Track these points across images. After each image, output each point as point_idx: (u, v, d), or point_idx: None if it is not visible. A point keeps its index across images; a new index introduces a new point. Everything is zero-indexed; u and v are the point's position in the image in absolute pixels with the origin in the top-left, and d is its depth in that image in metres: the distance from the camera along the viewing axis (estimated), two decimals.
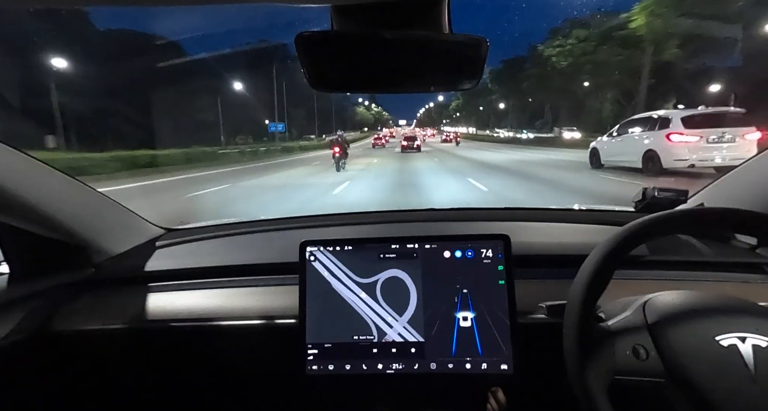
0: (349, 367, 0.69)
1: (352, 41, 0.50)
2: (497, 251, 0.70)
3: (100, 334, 0.82)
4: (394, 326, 0.69)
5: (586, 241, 0.86)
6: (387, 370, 0.68)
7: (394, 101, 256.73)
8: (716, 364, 0.47)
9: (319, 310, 0.71)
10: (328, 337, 0.70)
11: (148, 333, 0.83)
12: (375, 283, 0.71)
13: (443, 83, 0.60)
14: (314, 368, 0.69)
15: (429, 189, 7.46)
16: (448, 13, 0.51)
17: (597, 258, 0.55)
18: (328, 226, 1.14)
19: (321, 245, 0.73)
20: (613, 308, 0.61)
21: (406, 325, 0.69)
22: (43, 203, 0.76)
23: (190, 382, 0.98)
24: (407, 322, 0.69)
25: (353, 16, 0.50)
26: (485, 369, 0.66)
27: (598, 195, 5.87)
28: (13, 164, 0.71)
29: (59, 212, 0.80)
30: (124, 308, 0.85)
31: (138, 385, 0.97)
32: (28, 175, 0.73)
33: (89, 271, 0.91)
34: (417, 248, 0.72)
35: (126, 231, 1.00)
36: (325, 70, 0.53)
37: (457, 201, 6.14)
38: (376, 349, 0.69)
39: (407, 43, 0.51)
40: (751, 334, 0.48)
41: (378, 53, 0.51)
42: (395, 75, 0.55)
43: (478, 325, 0.68)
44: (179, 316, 0.82)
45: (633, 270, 0.81)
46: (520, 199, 6.12)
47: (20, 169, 0.72)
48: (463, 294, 0.69)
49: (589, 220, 1.05)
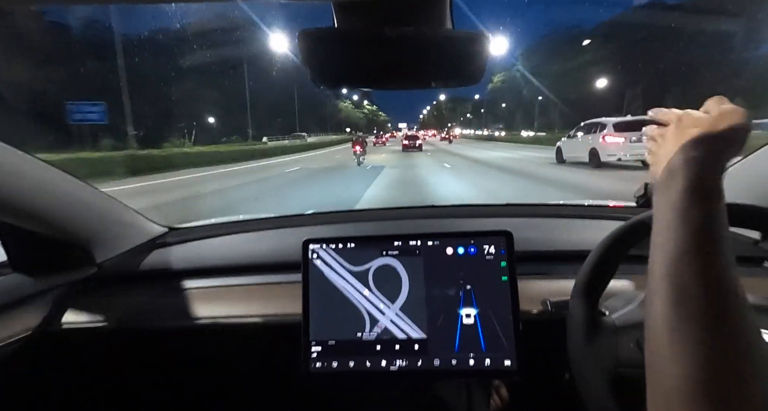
0: (352, 364, 0.69)
1: (353, 38, 0.50)
2: (500, 247, 0.70)
3: (102, 333, 0.82)
4: (397, 323, 0.69)
5: (588, 237, 0.86)
6: (390, 367, 0.68)
7: (395, 103, 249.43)
8: None
9: (323, 307, 0.71)
10: (332, 335, 0.70)
11: (150, 332, 0.83)
12: (378, 281, 0.71)
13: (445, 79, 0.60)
14: (318, 366, 0.69)
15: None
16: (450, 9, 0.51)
17: (600, 252, 0.55)
18: (330, 224, 1.14)
19: (323, 243, 0.73)
20: (617, 302, 0.61)
21: (409, 322, 0.69)
22: (44, 202, 0.76)
23: (192, 381, 0.99)
24: (411, 318, 0.69)
25: (355, 12, 0.50)
26: (488, 365, 0.67)
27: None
28: (14, 163, 0.70)
29: (61, 211, 0.80)
30: (127, 307, 0.85)
31: (140, 383, 0.98)
32: (29, 173, 0.73)
33: (91, 269, 0.91)
34: (419, 245, 0.72)
35: (128, 230, 1.00)
36: (327, 66, 0.53)
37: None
38: (380, 346, 0.69)
39: (409, 39, 0.51)
40: None
41: (380, 49, 0.51)
42: (397, 71, 0.55)
43: (481, 321, 0.68)
44: (181, 315, 0.82)
45: (636, 265, 0.81)
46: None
47: (21, 167, 0.72)
48: (466, 290, 0.69)
49: (591, 216, 1.05)
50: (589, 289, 0.53)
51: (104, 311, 0.84)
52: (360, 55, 0.51)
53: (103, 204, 0.92)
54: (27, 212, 0.74)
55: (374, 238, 0.73)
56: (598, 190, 6.72)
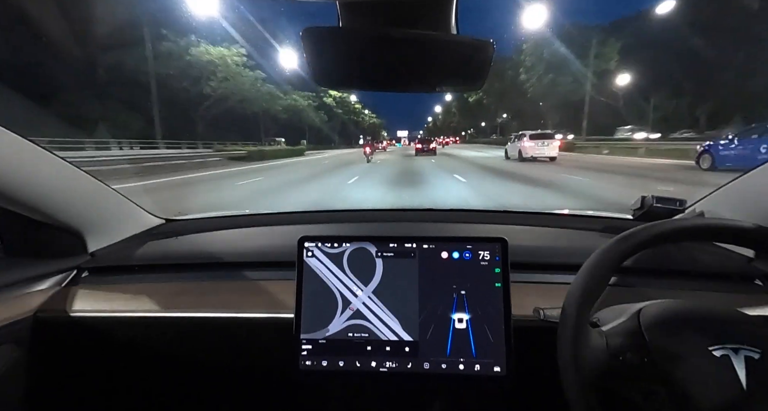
0: (342, 363, 0.69)
1: (358, 38, 0.50)
2: (495, 254, 0.70)
3: (92, 322, 0.82)
4: (389, 325, 0.69)
5: (583, 247, 0.86)
6: (380, 368, 0.68)
7: (395, 108, 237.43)
8: (708, 374, 0.47)
9: (315, 305, 0.71)
10: (323, 333, 0.70)
11: (140, 322, 0.83)
12: (372, 281, 0.71)
13: (448, 84, 0.60)
14: (308, 364, 0.69)
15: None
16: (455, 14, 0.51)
17: (594, 264, 0.55)
18: (327, 223, 1.14)
19: (319, 241, 0.73)
20: (609, 314, 0.61)
21: (401, 324, 0.69)
22: (38, 188, 0.76)
23: (181, 373, 0.98)
24: (402, 321, 0.69)
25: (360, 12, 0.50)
26: (478, 370, 0.67)
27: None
28: (10, 148, 0.70)
29: (55, 198, 0.80)
30: (118, 297, 0.85)
31: (129, 374, 0.97)
32: (24, 159, 0.73)
33: (84, 258, 0.91)
34: (415, 248, 0.72)
35: (123, 220, 0.99)
36: (330, 66, 0.53)
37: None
38: (370, 346, 0.69)
39: (413, 42, 0.51)
40: (744, 346, 0.48)
41: (383, 51, 0.51)
42: (400, 74, 0.55)
43: (473, 326, 0.68)
44: (173, 307, 0.82)
45: (629, 277, 0.81)
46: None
47: (17, 152, 0.71)
48: (460, 295, 0.69)
49: (587, 227, 1.05)
50: (581, 299, 0.54)
51: (95, 300, 0.84)
52: (363, 55, 0.51)
53: (100, 193, 0.91)
54: (21, 198, 0.74)
55: (370, 238, 0.73)
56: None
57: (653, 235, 0.55)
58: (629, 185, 7.54)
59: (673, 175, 9.03)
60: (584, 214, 1.17)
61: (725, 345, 0.48)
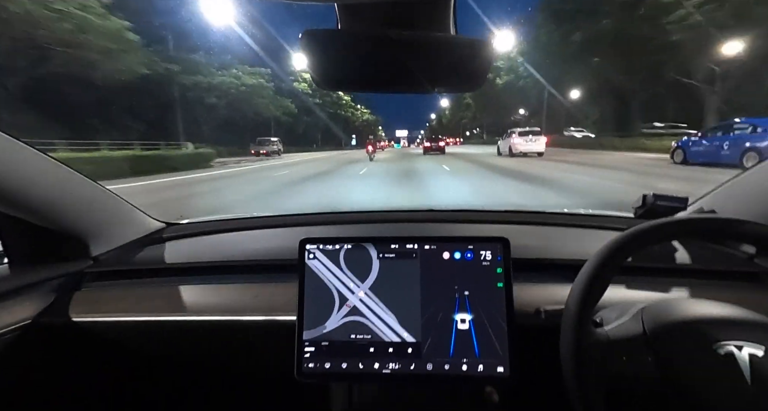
0: (345, 365, 0.68)
1: (357, 40, 0.51)
2: (497, 254, 0.70)
3: (94, 326, 0.82)
4: (391, 326, 0.69)
5: (585, 246, 0.86)
6: (383, 370, 0.68)
7: (393, 105, 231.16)
8: (712, 372, 0.47)
9: (317, 308, 0.71)
10: (325, 336, 0.69)
11: (143, 326, 0.83)
12: (374, 283, 0.71)
13: (447, 85, 0.60)
14: (310, 366, 0.69)
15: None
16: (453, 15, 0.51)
17: (596, 263, 0.55)
18: (327, 225, 1.14)
19: (320, 243, 0.73)
20: (611, 314, 0.61)
21: (403, 326, 0.69)
22: (41, 193, 0.76)
23: (184, 377, 0.98)
24: (405, 322, 0.69)
25: (359, 14, 0.50)
26: (482, 371, 0.66)
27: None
28: (11, 153, 0.70)
29: (58, 203, 0.80)
30: (121, 301, 0.85)
31: (132, 378, 0.97)
32: (27, 165, 0.73)
33: (87, 262, 0.91)
34: (416, 248, 0.72)
35: (125, 224, 0.99)
36: (330, 67, 0.53)
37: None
38: (373, 348, 0.69)
39: (412, 43, 0.51)
40: (748, 343, 0.48)
41: (383, 53, 0.51)
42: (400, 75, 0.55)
43: (475, 327, 0.68)
44: (175, 311, 0.82)
45: (631, 276, 0.81)
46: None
47: (19, 159, 0.72)
48: (462, 296, 0.69)
49: (588, 225, 1.05)
50: (583, 299, 0.53)
51: (98, 305, 0.84)
52: (362, 56, 0.51)
53: (101, 197, 0.91)
54: (23, 203, 0.74)
55: (371, 239, 0.73)
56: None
57: (656, 232, 0.55)
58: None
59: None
60: (586, 212, 1.17)
61: (729, 342, 0.48)
